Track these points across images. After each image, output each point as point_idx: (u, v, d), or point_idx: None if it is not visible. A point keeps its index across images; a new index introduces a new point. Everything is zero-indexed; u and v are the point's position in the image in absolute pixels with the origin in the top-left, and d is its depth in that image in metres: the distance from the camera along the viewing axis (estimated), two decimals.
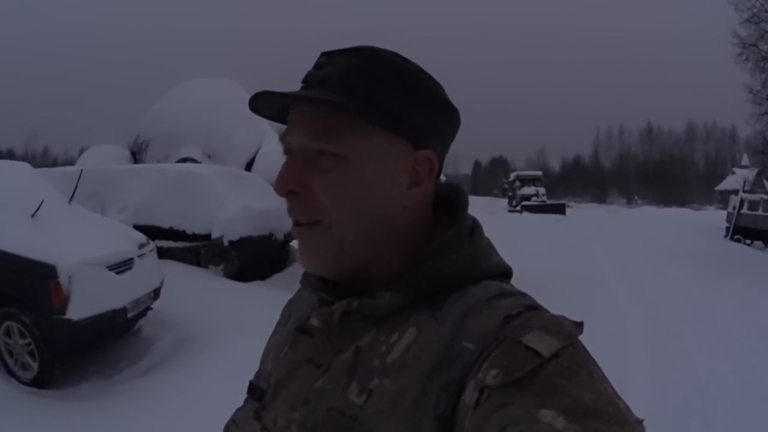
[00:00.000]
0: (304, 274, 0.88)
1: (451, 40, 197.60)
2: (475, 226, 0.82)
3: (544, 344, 0.62)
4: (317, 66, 0.78)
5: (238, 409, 0.89)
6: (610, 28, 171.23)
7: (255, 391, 0.85)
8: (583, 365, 0.62)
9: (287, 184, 0.76)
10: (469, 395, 0.62)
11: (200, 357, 5.44)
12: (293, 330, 0.84)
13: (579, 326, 0.67)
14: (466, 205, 0.83)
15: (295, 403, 0.76)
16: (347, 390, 0.71)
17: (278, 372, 0.83)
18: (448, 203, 0.83)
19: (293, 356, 0.81)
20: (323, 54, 0.79)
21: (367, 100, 0.74)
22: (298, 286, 0.93)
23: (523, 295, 0.74)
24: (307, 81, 0.77)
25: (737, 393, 4.91)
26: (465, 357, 0.66)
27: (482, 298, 0.71)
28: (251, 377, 0.90)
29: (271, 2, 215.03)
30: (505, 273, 0.80)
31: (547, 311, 0.70)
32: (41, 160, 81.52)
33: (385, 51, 0.79)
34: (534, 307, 0.70)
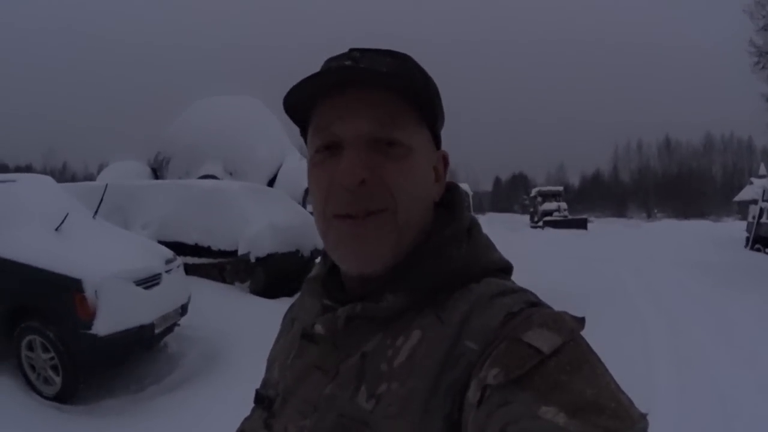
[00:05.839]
0: (306, 281, 0.88)
1: (471, 47, 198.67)
2: (473, 224, 0.83)
3: (544, 341, 0.61)
4: (353, 59, 0.77)
5: (246, 419, 0.88)
6: (626, 36, 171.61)
7: (263, 400, 0.85)
8: (584, 360, 0.61)
9: (363, 172, 0.72)
10: (473, 394, 0.62)
11: (226, 374, 5.40)
12: (298, 337, 0.84)
13: (581, 321, 0.66)
14: (463, 202, 0.84)
15: (304, 410, 0.76)
16: (356, 396, 0.71)
17: (286, 380, 0.82)
18: (444, 202, 0.84)
19: (300, 363, 0.81)
20: (354, 50, 0.79)
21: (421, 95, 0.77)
22: None
23: (524, 291, 0.73)
24: (345, 71, 0.74)
25: (760, 403, 4.87)
26: (468, 356, 0.66)
27: (484, 296, 0.71)
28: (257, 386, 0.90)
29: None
30: (505, 268, 0.81)
31: (549, 307, 0.70)
32: (60, 176, 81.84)
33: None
34: (535, 304, 0.70)
